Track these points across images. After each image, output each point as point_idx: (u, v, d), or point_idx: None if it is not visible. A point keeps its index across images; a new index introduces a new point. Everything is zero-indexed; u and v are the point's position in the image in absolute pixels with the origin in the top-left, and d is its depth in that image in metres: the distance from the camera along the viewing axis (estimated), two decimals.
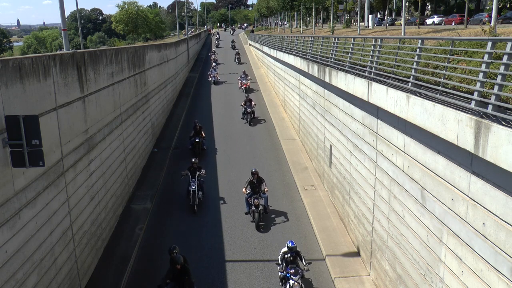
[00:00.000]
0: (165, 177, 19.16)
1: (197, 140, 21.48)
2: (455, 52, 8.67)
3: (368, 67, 11.60)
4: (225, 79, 41.38)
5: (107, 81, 13.91)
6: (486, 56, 6.67)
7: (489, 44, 6.69)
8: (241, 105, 27.75)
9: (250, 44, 65.70)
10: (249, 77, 36.88)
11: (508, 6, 24.23)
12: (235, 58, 52.31)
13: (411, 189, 8.90)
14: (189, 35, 53.29)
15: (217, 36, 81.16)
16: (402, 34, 18.74)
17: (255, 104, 28.18)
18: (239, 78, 36.99)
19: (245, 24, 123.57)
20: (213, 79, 40.30)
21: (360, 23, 30.13)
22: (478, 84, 6.68)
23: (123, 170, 15.81)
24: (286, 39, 29.74)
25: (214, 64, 46.77)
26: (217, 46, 69.86)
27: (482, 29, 11.97)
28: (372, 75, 11.11)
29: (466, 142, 6.39)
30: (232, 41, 69.46)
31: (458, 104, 7.01)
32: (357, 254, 12.78)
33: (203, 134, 22.12)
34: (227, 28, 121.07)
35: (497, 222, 6.02)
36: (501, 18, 23.24)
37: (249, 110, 27.14)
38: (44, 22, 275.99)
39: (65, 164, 10.04)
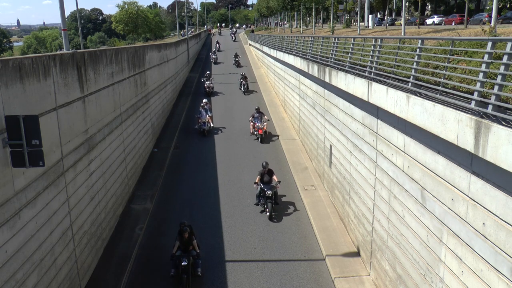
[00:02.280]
0: (165, 177, 19.16)
1: (184, 263, 11.40)
2: (455, 52, 8.67)
3: (368, 67, 11.60)
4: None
5: (107, 81, 13.92)
6: (486, 56, 6.67)
7: (489, 44, 6.69)
8: (255, 182, 15.81)
9: (250, 44, 65.69)
10: (265, 117, 24.41)
11: (508, 6, 24.24)
12: (241, 84, 35.80)
13: (411, 189, 8.90)
14: (189, 35, 52.88)
15: (216, 46, 62.36)
16: (402, 34, 18.74)
17: (279, 182, 16.07)
18: (250, 118, 24.34)
19: (237, 25, 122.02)
20: (202, 126, 24.76)
21: (360, 23, 30.13)
22: (478, 84, 6.68)
23: (123, 170, 15.81)
24: (286, 39, 29.75)
25: (205, 101, 27.14)
26: (215, 62, 51.12)
27: (482, 29, 11.96)
28: (372, 75, 11.11)
29: (466, 142, 6.39)
30: (236, 56, 49.90)
31: (458, 104, 7.01)
32: (357, 254, 12.78)
33: (197, 247, 12.12)
34: (221, 32, 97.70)
35: (497, 222, 6.02)
36: (501, 18, 23.26)
37: (269, 192, 15.19)
38: (44, 22, 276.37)
39: (65, 164, 10.04)
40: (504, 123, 5.79)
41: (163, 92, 27.34)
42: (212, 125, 25.17)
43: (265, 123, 23.92)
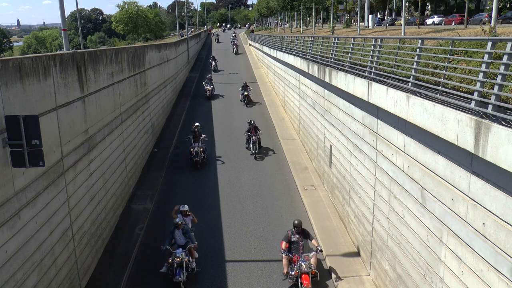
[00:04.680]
0: (165, 177, 19.16)
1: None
2: (455, 52, 8.67)
3: (368, 67, 11.60)
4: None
5: (107, 81, 13.92)
6: (486, 56, 6.67)
7: (489, 44, 6.69)
8: None
9: (250, 44, 65.66)
10: (313, 242, 11.89)
11: (508, 6, 24.25)
12: (249, 139, 21.77)
13: (411, 189, 8.90)
14: (189, 35, 52.68)
15: (212, 65, 45.90)
16: (402, 34, 18.74)
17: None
18: (283, 247, 11.61)
19: (228, 25, 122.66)
20: (176, 275, 11.20)
21: (360, 23, 30.14)
22: (478, 84, 6.68)
23: (123, 170, 15.81)
24: (286, 39, 29.74)
25: (184, 208, 13.13)
26: (210, 96, 33.38)
27: (482, 29, 11.96)
28: (372, 75, 11.11)
29: (466, 142, 6.39)
30: (245, 87, 31.41)
31: (458, 104, 7.01)
32: (357, 254, 12.78)
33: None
34: (219, 39, 76.69)
35: (497, 222, 6.02)
36: (501, 18, 23.26)
37: None
38: (44, 22, 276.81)
39: (65, 164, 10.04)
40: (504, 123, 5.79)
41: (163, 92, 27.33)
42: (196, 258, 12.16)
43: (312, 256, 11.47)
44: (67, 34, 13.98)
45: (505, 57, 6.22)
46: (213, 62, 47.40)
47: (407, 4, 37.76)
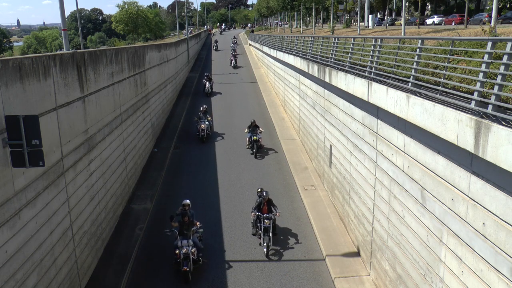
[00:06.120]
0: (165, 177, 19.15)
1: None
2: (455, 52, 8.67)
3: (368, 67, 11.60)
4: None
5: (107, 81, 13.91)
6: (486, 56, 6.67)
7: (489, 44, 6.70)
8: None
9: (250, 44, 65.64)
10: None
11: (508, 6, 24.25)
12: (258, 221, 13.39)
13: (411, 189, 8.90)
14: (189, 35, 52.59)
15: (206, 88, 34.67)
16: (402, 34, 18.74)
17: None
18: None
19: (223, 26, 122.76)
20: None
21: (360, 23, 30.14)
22: (478, 84, 6.68)
23: (123, 170, 15.81)
24: (286, 39, 29.74)
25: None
26: (204, 137, 23.54)
27: (482, 29, 11.96)
28: (372, 75, 11.10)
29: (466, 142, 6.39)
30: (253, 130, 21.59)
31: (458, 104, 7.01)
32: (357, 254, 12.78)
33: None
34: (217, 46, 64.46)
35: (497, 222, 6.02)
36: (501, 18, 23.25)
37: None
38: (44, 22, 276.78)
39: (65, 164, 10.04)
40: (504, 123, 5.79)
41: (163, 92, 27.33)
42: None
43: None
44: (67, 34, 13.98)
45: (505, 57, 6.22)
46: (207, 82, 35.09)
47: (407, 4, 37.79)
